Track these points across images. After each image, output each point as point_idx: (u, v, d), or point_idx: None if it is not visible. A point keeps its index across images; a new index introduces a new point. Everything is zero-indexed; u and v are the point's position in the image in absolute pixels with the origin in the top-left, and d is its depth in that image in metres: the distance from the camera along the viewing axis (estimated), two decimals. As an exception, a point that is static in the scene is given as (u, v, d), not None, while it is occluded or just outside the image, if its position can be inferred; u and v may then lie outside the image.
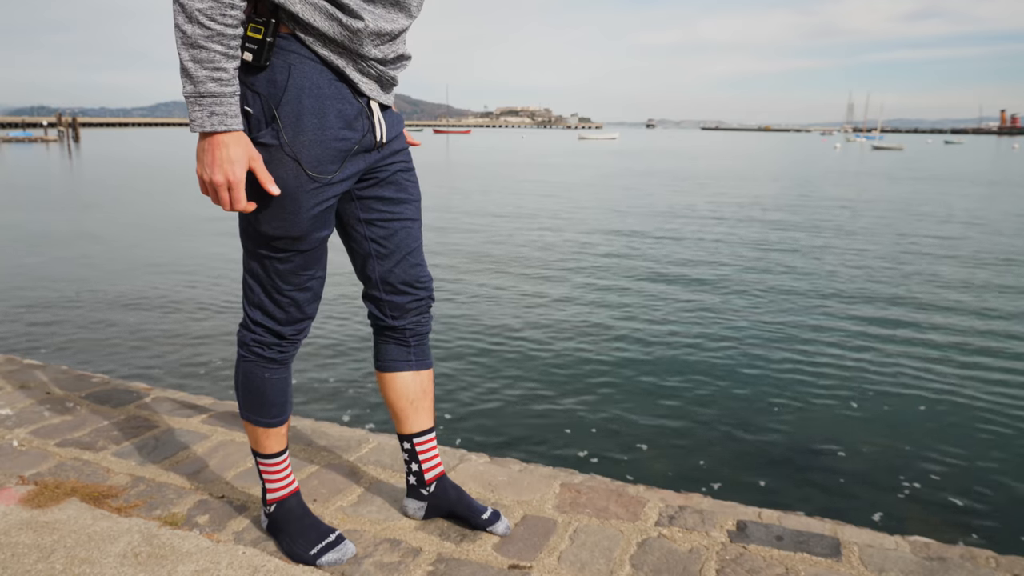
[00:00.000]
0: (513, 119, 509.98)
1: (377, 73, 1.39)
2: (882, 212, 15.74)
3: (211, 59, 1.22)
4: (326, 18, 1.28)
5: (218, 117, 1.24)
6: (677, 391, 4.87)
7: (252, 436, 1.61)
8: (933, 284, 8.32)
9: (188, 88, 1.23)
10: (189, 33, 1.20)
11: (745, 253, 10.26)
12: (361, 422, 4.27)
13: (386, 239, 1.56)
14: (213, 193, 1.29)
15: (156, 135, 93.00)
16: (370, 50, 1.34)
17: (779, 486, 3.64)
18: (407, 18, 1.40)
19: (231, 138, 1.26)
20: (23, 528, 1.67)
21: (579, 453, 3.96)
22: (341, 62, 1.33)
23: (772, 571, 1.60)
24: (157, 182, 21.62)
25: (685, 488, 2.14)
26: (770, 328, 6.36)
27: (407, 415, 1.70)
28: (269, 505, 1.65)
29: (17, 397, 2.52)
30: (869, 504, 3.47)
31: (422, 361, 1.70)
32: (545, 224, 13.21)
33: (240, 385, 1.58)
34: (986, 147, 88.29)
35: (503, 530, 1.71)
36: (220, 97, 1.24)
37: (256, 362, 1.54)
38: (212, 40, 1.21)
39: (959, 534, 3.21)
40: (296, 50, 1.31)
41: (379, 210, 1.54)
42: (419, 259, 1.62)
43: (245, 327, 1.54)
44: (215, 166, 1.26)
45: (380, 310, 1.64)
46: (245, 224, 1.44)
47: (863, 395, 4.81)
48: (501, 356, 5.53)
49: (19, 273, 8.35)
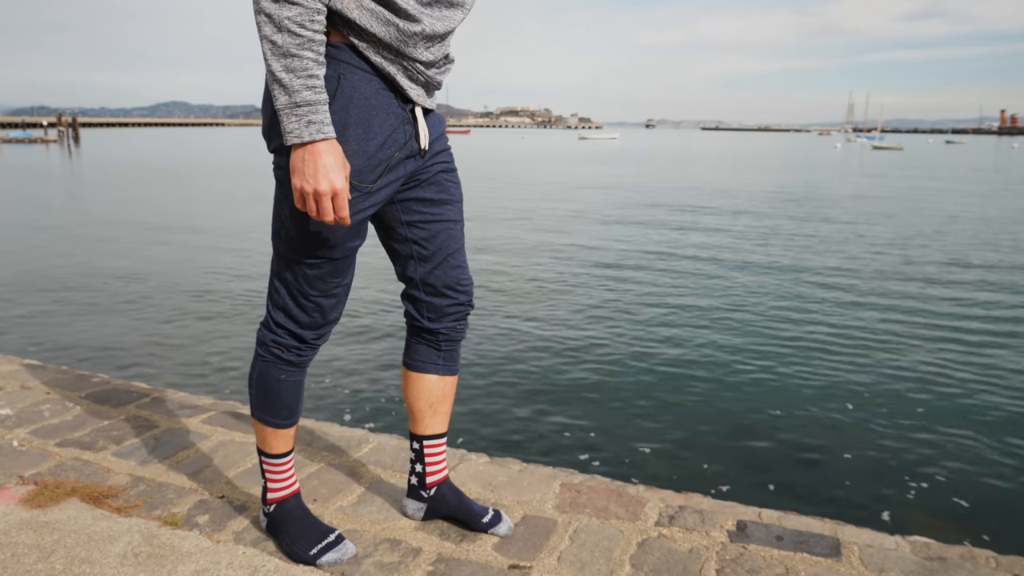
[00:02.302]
0: (513, 119, 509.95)
1: (425, 79, 1.39)
2: (884, 212, 15.75)
3: (304, 67, 1.21)
4: (382, 23, 1.28)
5: (316, 126, 1.23)
6: (677, 391, 4.87)
7: (260, 435, 1.61)
8: (933, 285, 8.32)
9: (282, 100, 1.22)
10: (280, 43, 1.19)
11: (746, 253, 10.26)
12: (361, 422, 4.27)
13: (428, 240, 1.56)
14: (314, 204, 1.27)
15: (156, 135, 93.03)
16: (422, 53, 1.35)
17: (779, 486, 3.64)
18: (462, 16, 1.40)
19: (330, 146, 1.25)
20: (23, 528, 1.67)
21: (579, 453, 3.96)
22: (392, 69, 1.33)
23: (772, 571, 1.60)
24: (158, 182, 21.62)
25: (685, 488, 2.14)
26: (770, 328, 6.36)
27: (424, 416, 1.70)
28: (269, 504, 1.65)
29: (17, 397, 2.52)
30: (869, 504, 3.48)
31: (450, 366, 1.70)
32: (545, 224, 13.21)
33: (254, 383, 1.58)
34: (986, 147, 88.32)
35: (505, 531, 1.71)
36: (315, 105, 1.22)
37: (273, 363, 1.54)
38: (303, 48, 1.20)
39: (959, 534, 3.21)
40: (347, 59, 1.31)
41: (421, 211, 1.54)
42: (460, 261, 1.62)
43: (266, 327, 1.54)
44: (319, 175, 1.24)
45: (418, 311, 1.64)
46: (279, 228, 1.44)
47: (863, 395, 4.81)
48: (501, 356, 5.53)
49: (19, 273, 8.35)
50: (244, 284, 7.94)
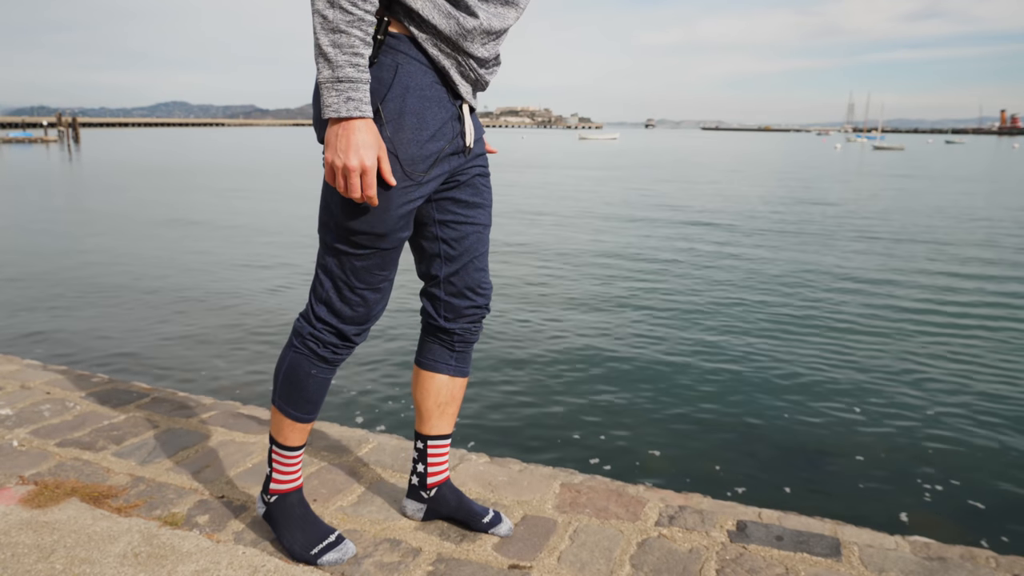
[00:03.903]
0: (513, 119, 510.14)
1: (475, 77, 1.42)
2: (886, 211, 15.75)
3: (351, 44, 1.23)
4: (444, 16, 1.31)
5: (354, 103, 1.25)
6: (677, 391, 4.87)
7: (276, 424, 1.60)
8: (934, 285, 8.32)
9: (325, 73, 1.24)
10: (331, 18, 1.22)
11: (746, 252, 10.26)
12: (361, 422, 4.27)
13: (457, 242, 1.57)
14: (344, 180, 1.28)
15: (156, 135, 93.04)
16: (477, 48, 1.37)
17: (779, 486, 3.64)
18: (516, 15, 1.42)
19: (365, 124, 1.26)
20: (23, 528, 1.67)
21: (579, 453, 3.96)
22: (447, 63, 1.36)
23: (772, 571, 1.60)
24: (159, 182, 21.63)
25: (685, 488, 2.14)
26: (770, 328, 6.36)
27: (431, 416, 1.70)
28: (271, 495, 1.64)
29: (17, 397, 2.52)
30: (869, 504, 3.48)
31: (461, 368, 1.70)
32: (545, 224, 13.22)
33: (282, 372, 1.56)
34: (987, 147, 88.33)
35: (506, 531, 1.71)
36: (356, 83, 1.25)
37: (307, 356, 1.53)
38: (353, 25, 1.23)
39: (959, 534, 3.20)
40: (405, 50, 1.33)
41: (454, 212, 1.55)
42: (484, 264, 1.63)
43: (306, 320, 1.53)
44: (350, 151, 1.26)
45: (435, 309, 1.64)
46: (327, 218, 1.44)
47: (864, 395, 4.81)
48: (501, 356, 5.53)
49: (19, 273, 8.35)
50: (245, 284, 7.94)
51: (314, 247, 10.32)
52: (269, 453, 1.64)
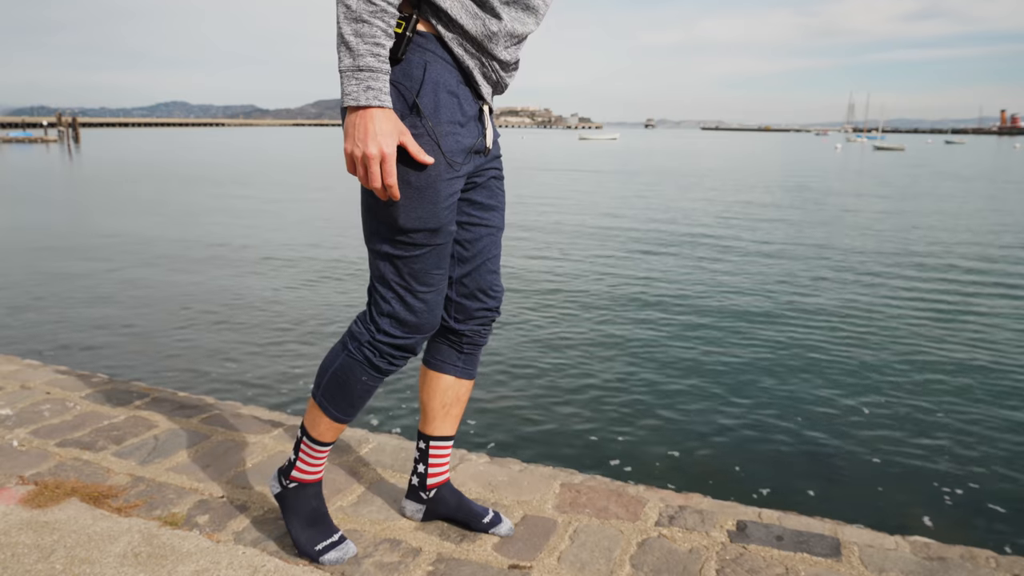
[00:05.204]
0: (513, 119, 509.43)
1: (496, 79, 1.43)
2: (887, 212, 15.75)
3: (373, 34, 1.24)
4: (471, 16, 1.33)
5: (373, 92, 1.25)
6: (677, 392, 4.87)
7: (312, 418, 1.58)
8: (934, 286, 8.32)
9: (346, 62, 1.25)
10: (354, 7, 1.23)
11: (748, 252, 10.26)
12: (361, 422, 4.27)
13: (470, 243, 1.57)
14: (363, 168, 1.28)
15: (156, 135, 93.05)
16: (501, 51, 1.39)
17: (779, 486, 3.63)
18: (535, 23, 1.44)
19: (384, 113, 1.27)
20: (23, 528, 1.67)
21: (579, 453, 3.96)
22: (471, 63, 1.37)
23: (772, 571, 1.60)
24: (159, 182, 21.63)
25: (685, 488, 2.14)
26: (770, 329, 6.36)
27: (435, 416, 1.69)
28: (291, 481, 1.63)
29: (17, 397, 2.52)
30: (869, 504, 3.48)
31: (468, 370, 1.70)
32: (544, 224, 13.22)
33: (331, 373, 1.54)
34: (987, 147, 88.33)
35: (506, 531, 1.71)
36: (377, 72, 1.26)
37: (361, 364, 1.51)
38: (376, 16, 1.24)
39: (959, 534, 3.20)
40: (432, 49, 1.34)
41: (470, 214, 1.55)
42: (496, 267, 1.63)
43: (368, 329, 1.50)
44: (368, 139, 1.26)
45: (446, 310, 1.63)
46: (376, 225, 1.42)
47: (864, 395, 4.81)
48: (501, 356, 5.53)
49: (19, 273, 8.35)
50: (245, 283, 7.94)
51: (318, 246, 10.33)
52: (297, 442, 1.62)
